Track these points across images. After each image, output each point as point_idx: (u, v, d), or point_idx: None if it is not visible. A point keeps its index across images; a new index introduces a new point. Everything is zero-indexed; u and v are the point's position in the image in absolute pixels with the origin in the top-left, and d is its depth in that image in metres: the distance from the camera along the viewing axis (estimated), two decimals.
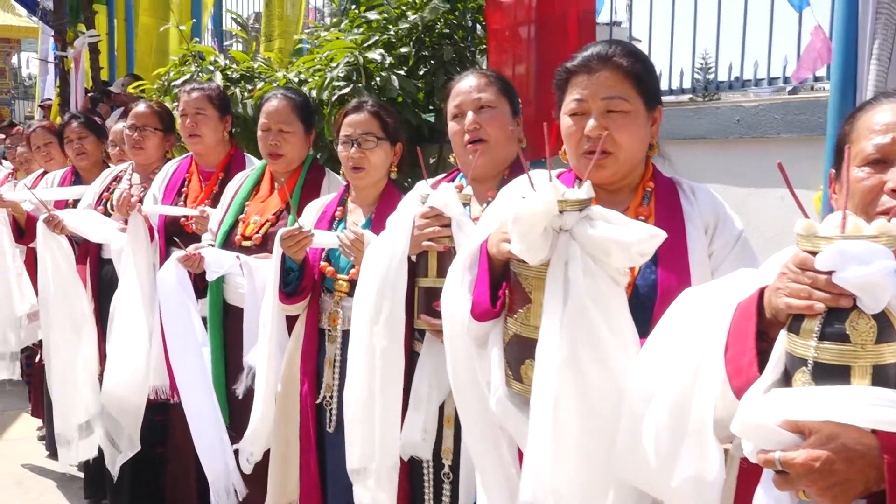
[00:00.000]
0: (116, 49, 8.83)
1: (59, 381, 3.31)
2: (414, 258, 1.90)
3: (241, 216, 2.71)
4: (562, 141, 1.66)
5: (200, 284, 2.69)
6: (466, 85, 2.08)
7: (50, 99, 10.73)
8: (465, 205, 1.91)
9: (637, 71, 1.58)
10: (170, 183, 3.17)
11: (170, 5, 6.96)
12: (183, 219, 3.04)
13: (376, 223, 2.28)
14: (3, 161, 6.00)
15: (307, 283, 2.28)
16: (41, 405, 4.24)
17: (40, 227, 3.24)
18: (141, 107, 3.36)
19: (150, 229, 3.08)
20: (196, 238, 2.97)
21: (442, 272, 1.85)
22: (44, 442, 4.16)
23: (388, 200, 2.34)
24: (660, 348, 1.25)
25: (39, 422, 4.37)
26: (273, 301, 2.25)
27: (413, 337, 1.99)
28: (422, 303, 1.88)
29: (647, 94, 1.60)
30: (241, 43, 7.07)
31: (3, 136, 6.84)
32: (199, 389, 2.62)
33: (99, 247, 3.37)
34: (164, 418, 3.28)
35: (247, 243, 2.64)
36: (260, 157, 3.48)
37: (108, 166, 3.91)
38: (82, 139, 3.81)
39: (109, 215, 3.29)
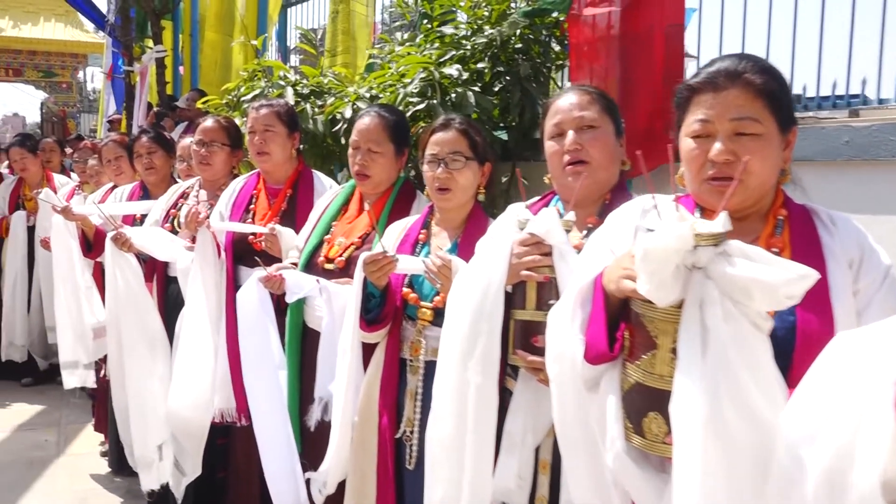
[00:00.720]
0: (183, 64, 8.94)
1: (136, 402, 3.26)
2: (509, 289, 1.76)
3: (327, 237, 2.62)
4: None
5: (281, 304, 2.60)
6: (566, 102, 1.94)
7: (118, 113, 10.94)
8: (566, 231, 1.77)
9: (771, 89, 1.42)
10: (237, 200, 3.10)
11: (235, 21, 7.00)
12: (251, 236, 2.96)
13: (463, 248, 2.15)
14: (71, 174, 6.07)
15: (389, 310, 2.16)
16: (104, 420, 4.21)
17: (108, 244, 3.20)
18: (209, 122, 3.30)
19: (217, 247, 3.01)
20: (266, 256, 2.89)
21: (541, 304, 1.71)
22: (106, 458, 4.12)
23: (475, 224, 2.21)
24: (813, 402, 1.09)
25: (102, 436, 4.34)
26: (353, 328, 2.13)
27: (505, 373, 1.85)
28: (518, 337, 1.74)
29: (782, 114, 1.44)
30: (300, 56, 7.05)
31: (70, 149, 6.93)
32: (272, 414, 2.52)
33: (165, 265, 3.31)
34: (226, 442, 3.20)
35: (329, 266, 2.54)
36: (330, 174, 3.43)
37: (177, 182, 3.89)
38: (151, 154, 3.78)
39: (176, 233, 3.24)
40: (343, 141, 3.47)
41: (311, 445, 2.51)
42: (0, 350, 5.45)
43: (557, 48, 3.53)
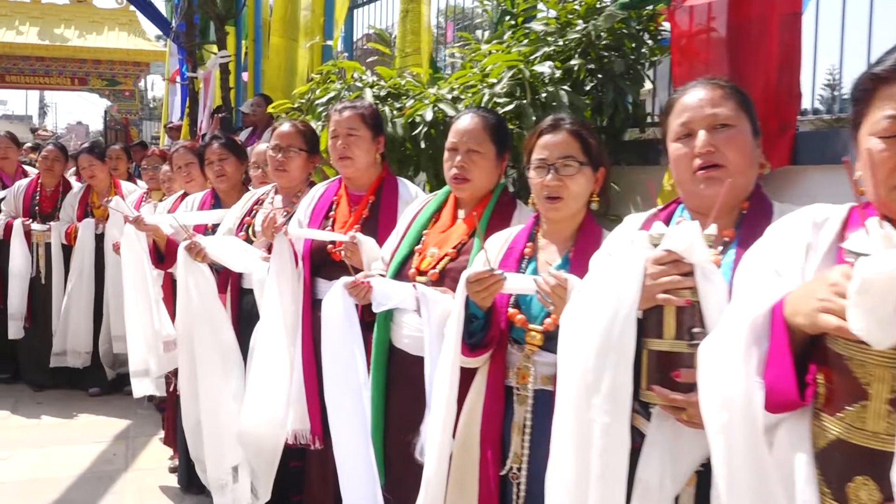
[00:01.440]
0: (246, 69, 8.92)
1: (209, 420, 3.13)
2: (639, 314, 1.53)
3: (418, 247, 2.42)
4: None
5: (365, 318, 2.41)
6: (695, 98, 1.70)
7: (178, 121, 11.01)
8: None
9: None
10: (316, 206, 2.94)
11: (300, 25, 6.90)
12: (330, 245, 2.79)
13: (575, 263, 1.93)
14: (137, 181, 6.04)
15: (494, 333, 1.95)
16: (173, 434, 4.11)
17: (181, 253, 3.08)
18: (285, 126, 3.15)
19: (295, 255, 2.85)
20: (343, 268, 2.72)
21: (682, 333, 1.47)
22: (175, 474, 4.01)
23: (587, 236, 1.99)
24: None
25: (171, 451, 4.24)
26: (453, 352, 1.92)
27: (634, 410, 1.61)
28: (653, 371, 1.50)
29: None
30: (371, 58, 6.88)
31: (138, 157, 6.93)
32: (355, 438, 2.33)
33: (240, 276, 3.17)
34: (301, 465, 3.04)
35: (421, 279, 2.34)
36: (411, 181, 3.24)
37: (248, 189, 3.76)
38: (223, 161, 3.65)
39: (251, 242, 3.10)
40: (423, 145, 3.29)
41: (398, 479, 2.32)
42: (51, 356, 5.42)
43: (651, 43, 3.29)
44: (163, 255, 3.69)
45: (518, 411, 1.95)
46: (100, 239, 5.34)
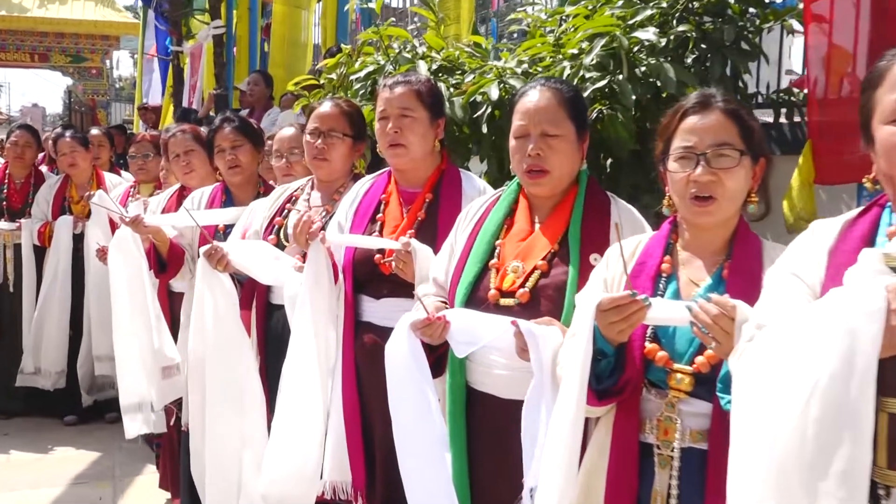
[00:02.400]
0: (237, 44, 8.68)
1: (216, 468, 2.89)
2: None
3: (493, 261, 2.17)
4: None
5: (429, 356, 2.17)
6: None
7: (157, 102, 10.81)
8: None
9: None
10: (360, 207, 2.68)
11: None
12: (378, 255, 2.54)
13: (732, 284, 1.69)
14: (121, 173, 5.80)
15: (630, 375, 1.70)
16: (173, 477, 3.87)
17: (200, 262, 2.83)
18: (326, 106, 2.90)
19: (334, 267, 2.61)
20: (393, 283, 2.49)
21: None
22: None
23: (745, 247, 1.75)
24: None
25: (167, 495, 4.00)
26: (575, 402, 1.66)
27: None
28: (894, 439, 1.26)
29: None
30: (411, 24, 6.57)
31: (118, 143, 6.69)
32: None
33: (268, 289, 2.93)
34: None
35: (507, 301, 2.08)
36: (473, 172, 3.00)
37: (263, 183, 3.53)
38: (236, 148, 3.39)
39: (282, 248, 2.86)
40: (485, 129, 3.05)
41: None
42: (17, 375, 5.18)
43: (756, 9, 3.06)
44: (165, 261, 3.44)
45: (660, 476, 1.69)
46: (78, 239, 5.06)
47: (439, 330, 2.04)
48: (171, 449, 3.88)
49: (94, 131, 5.78)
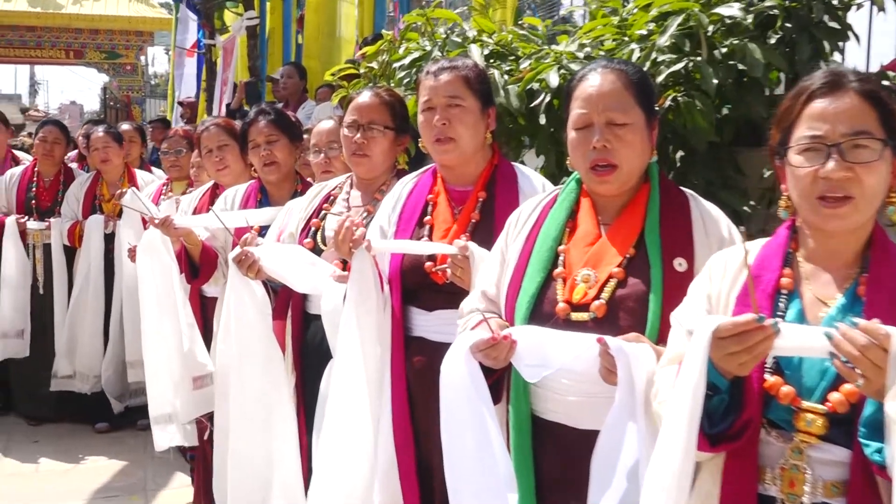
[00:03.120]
0: (270, 36, 8.46)
1: (239, 490, 2.69)
2: None
3: (558, 270, 1.88)
4: None
5: (488, 379, 1.88)
6: None
7: (189, 97, 10.65)
8: None
9: None
10: (406, 208, 2.41)
11: None
12: (428, 261, 2.26)
13: (873, 303, 1.39)
14: (152, 169, 5.59)
15: (750, 415, 1.39)
16: (206, 493, 3.63)
17: (231, 268, 2.58)
18: (365, 96, 2.63)
19: (380, 277, 2.34)
20: (446, 294, 2.22)
21: None
22: None
23: (884, 257, 1.45)
24: None
25: None
26: (683, 447, 1.37)
27: None
28: None
29: None
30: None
31: (157, 138, 6.49)
32: None
33: (304, 298, 2.67)
34: None
35: (580, 315, 1.80)
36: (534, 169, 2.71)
37: (301, 181, 3.27)
38: (272, 144, 3.15)
39: (319, 253, 2.59)
40: (543, 120, 2.76)
41: None
42: (51, 379, 5.00)
43: None
44: (196, 266, 3.20)
45: None
46: (109, 239, 4.87)
47: (505, 351, 1.76)
48: (205, 463, 3.64)
49: (125, 126, 5.58)
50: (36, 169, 5.17)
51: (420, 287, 2.31)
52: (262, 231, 3.01)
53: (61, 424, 5.11)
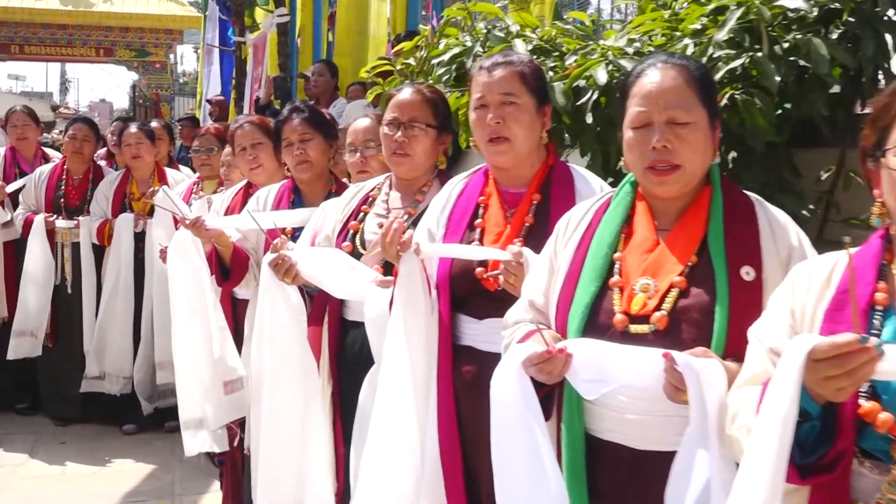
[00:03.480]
0: (300, 34, 8.37)
1: (270, 500, 2.59)
2: None
3: (614, 279, 1.76)
4: None
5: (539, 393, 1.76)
6: None
7: (218, 94, 10.61)
8: None
9: None
10: (455, 210, 2.29)
11: None
12: (480, 267, 2.14)
13: None
14: (180, 167, 5.51)
15: (845, 443, 1.26)
16: (234, 498, 3.55)
17: (265, 272, 2.48)
18: (406, 93, 2.52)
19: (427, 282, 2.22)
20: (494, 301, 2.09)
21: None
22: None
23: None
24: None
25: None
26: (770, 478, 1.24)
27: None
28: None
29: None
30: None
31: (186, 136, 6.43)
32: None
33: (341, 304, 2.56)
34: None
35: (639, 328, 1.68)
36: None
37: (335, 181, 3.17)
38: (305, 142, 3.05)
39: (359, 256, 2.48)
40: (590, 118, 2.63)
41: None
42: (82, 380, 4.95)
43: None
44: (227, 268, 3.11)
45: None
46: (139, 238, 4.81)
47: (560, 366, 1.64)
48: (233, 468, 3.57)
49: (154, 124, 5.50)
50: (65, 167, 5.12)
51: (470, 294, 2.18)
52: (296, 233, 2.92)
53: (88, 425, 5.07)
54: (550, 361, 1.63)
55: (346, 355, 2.54)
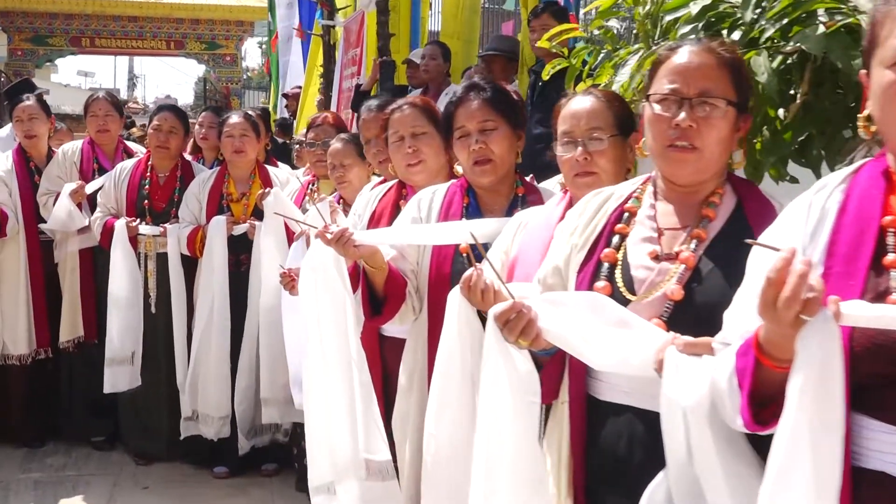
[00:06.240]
0: (396, 12, 7.55)
1: None
2: None
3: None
4: None
5: None
6: None
7: (296, 87, 10.01)
8: None
9: None
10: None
11: None
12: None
13: None
14: (278, 163, 4.75)
15: None
16: None
17: (491, 329, 1.65)
18: (691, 53, 1.68)
19: None
20: None
21: None
22: None
23: None
24: None
25: None
26: None
27: None
28: None
29: None
30: None
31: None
32: None
33: (588, 373, 1.73)
34: None
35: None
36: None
37: (521, 182, 2.38)
38: (487, 133, 2.26)
39: (625, 303, 1.65)
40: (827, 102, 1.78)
41: None
42: (181, 423, 4.20)
43: None
44: (379, 298, 2.31)
45: None
46: (236, 245, 4.04)
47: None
48: None
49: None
50: (149, 163, 4.36)
51: None
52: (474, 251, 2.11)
53: (174, 465, 4.33)
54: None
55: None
